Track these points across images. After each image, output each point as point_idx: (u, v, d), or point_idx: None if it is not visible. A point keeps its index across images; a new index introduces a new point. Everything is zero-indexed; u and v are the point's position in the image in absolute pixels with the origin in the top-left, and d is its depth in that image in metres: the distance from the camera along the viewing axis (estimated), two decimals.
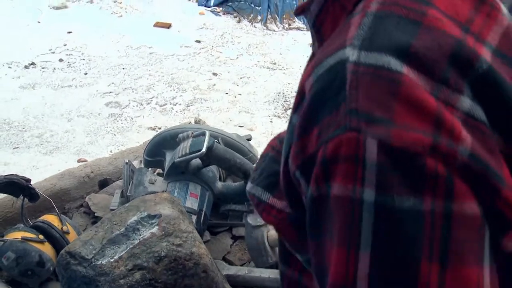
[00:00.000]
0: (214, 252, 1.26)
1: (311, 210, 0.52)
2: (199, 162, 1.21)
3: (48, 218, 1.24)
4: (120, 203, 1.39)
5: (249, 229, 1.29)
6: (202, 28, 5.70)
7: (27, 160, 3.44)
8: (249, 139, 1.44)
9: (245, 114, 4.03)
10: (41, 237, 1.18)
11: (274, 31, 5.75)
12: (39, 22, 5.41)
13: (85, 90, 4.32)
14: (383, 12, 0.51)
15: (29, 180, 1.27)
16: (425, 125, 0.45)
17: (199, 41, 5.40)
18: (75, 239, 1.10)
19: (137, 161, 1.48)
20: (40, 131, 3.76)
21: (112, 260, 1.00)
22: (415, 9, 0.51)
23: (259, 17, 5.85)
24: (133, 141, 3.57)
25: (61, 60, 4.77)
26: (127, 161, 1.45)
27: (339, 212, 0.48)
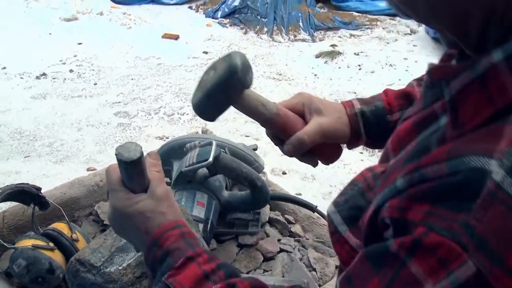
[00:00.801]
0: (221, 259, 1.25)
1: (379, 253, 0.53)
2: (206, 171, 1.20)
3: (58, 226, 1.25)
4: None
5: None
6: (209, 40, 5.73)
7: (37, 168, 3.45)
8: (255, 149, 1.43)
9: (251, 124, 4.03)
10: (51, 244, 1.18)
11: (280, 42, 5.77)
12: (50, 34, 5.45)
13: (94, 100, 4.34)
14: None
15: (39, 189, 1.27)
16: None
17: (206, 52, 5.42)
18: (85, 246, 1.10)
19: None
20: (50, 140, 3.78)
21: (120, 268, 1.00)
22: None
23: (265, 29, 5.87)
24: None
25: (71, 71, 4.79)
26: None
27: (400, 284, 0.49)
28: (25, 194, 1.25)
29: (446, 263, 0.46)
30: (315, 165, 1.00)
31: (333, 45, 5.68)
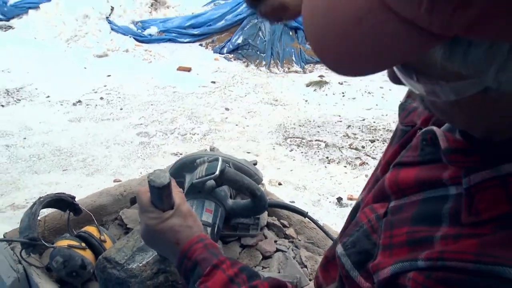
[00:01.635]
0: None
1: None
2: (213, 183, 1.20)
3: (89, 229, 1.24)
4: None
5: None
6: (216, 71, 5.76)
7: (73, 180, 3.46)
8: (255, 164, 1.43)
9: (252, 142, 4.04)
10: (83, 244, 1.17)
11: (276, 73, 5.80)
12: (85, 68, 5.49)
13: (120, 123, 4.36)
14: None
15: (74, 197, 1.27)
16: None
17: (214, 82, 5.45)
18: (111, 246, 1.10)
19: None
20: (84, 156, 3.78)
21: (140, 265, 0.99)
22: None
23: (263, 62, 5.90)
24: (159, 164, 3.58)
25: (101, 98, 4.81)
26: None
27: None
28: (62, 202, 1.25)
29: None
30: (280, 19, 0.83)
31: (321, 76, 5.70)
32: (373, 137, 4.18)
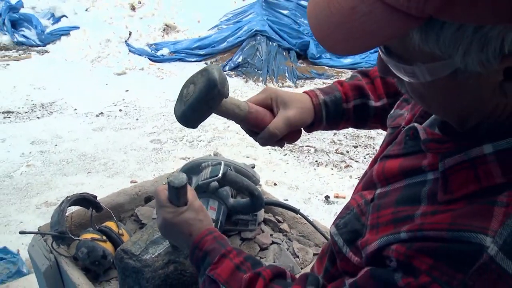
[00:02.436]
0: None
1: (386, 279, 0.52)
2: (216, 184, 1.20)
3: (109, 224, 1.24)
4: None
5: None
6: None
7: (96, 181, 3.46)
8: (253, 167, 1.43)
9: (251, 148, 4.03)
10: (104, 237, 1.18)
11: None
12: (107, 84, 5.50)
13: (136, 131, 4.35)
14: None
15: (96, 197, 1.27)
16: None
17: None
18: (127, 240, 1.10)
19: None
20: (105, 160, 3.78)
21: (153, 256, 0.99)
22: None
23: (261, 78, 5.91)
24: (169, 168, 3.58)
25: (120, 110, 4.82)
26: (165, 183, 1.45)
27: None
28: (86, 201, 1.25)
29: None
30: (282, 146, 0.90)
31: None
32: (356, 143, 4.18)
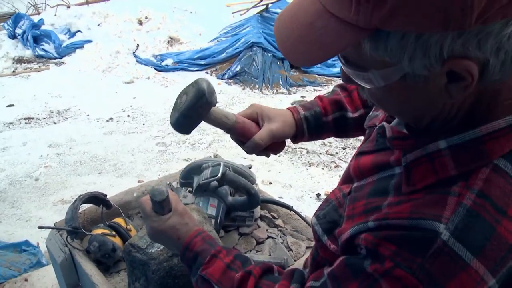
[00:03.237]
0: (226, 243, 1.25)
1: (358, 266, 0.52)
2: (216, 183, 1.20)
3: (118, 220, 1.24)
4: None
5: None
6: (219, 93, 5.75)
7: (106, 181, 3.46)
8: (250, 167, 1.43)
9: None
10: (113, 232, 1.18)
11: (267, 94, 5.81)
12: (116, 92, 5.49)
13: (143, 135, 4.35)
14: (474, 211, 0.47)
15: (105, 195, 1.27)
16: None
17: (217, 102, 5.44)
18: (135, 235, 1.10)
19: (175, 182, 1.48)
20: (114, 162, 3.78)
21: (158, 250, 0.99)
22: (495, 217, 0.47)
23: (257, 86, 5.92)
24: (173, 168, 3.57)
25: (128, 116, 4.81)
26: (168, 182, 1.45)
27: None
28: (97, 199, 1.25)
29: None
30: (268, 156, 0.92)
31: (302, 96, 5.72)
32: (345, 145, 4.19)
